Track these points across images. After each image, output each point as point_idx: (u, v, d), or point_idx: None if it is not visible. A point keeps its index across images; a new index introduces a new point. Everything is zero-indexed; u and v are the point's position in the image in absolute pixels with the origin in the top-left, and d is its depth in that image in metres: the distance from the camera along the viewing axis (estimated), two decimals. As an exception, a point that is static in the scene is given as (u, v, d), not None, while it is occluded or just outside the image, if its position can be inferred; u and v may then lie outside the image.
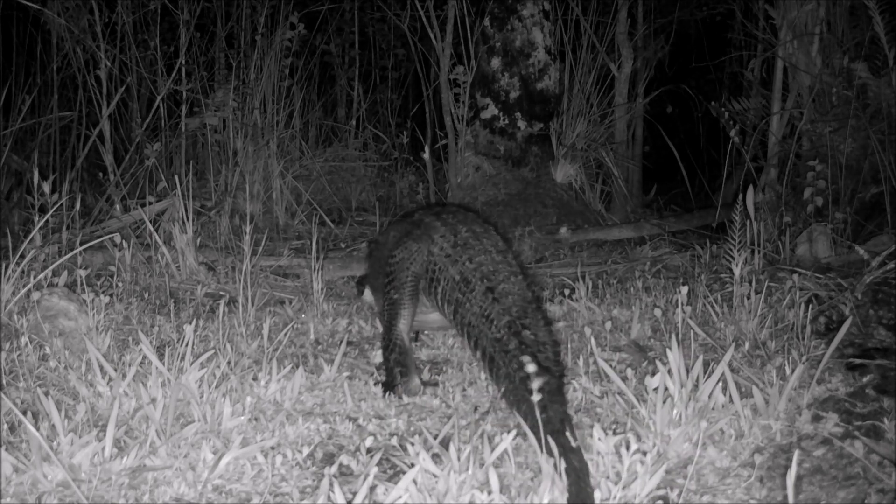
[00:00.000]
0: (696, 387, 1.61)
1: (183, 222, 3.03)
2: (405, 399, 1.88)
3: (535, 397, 1.40)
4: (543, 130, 4.85)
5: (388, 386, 1.96)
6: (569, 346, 2.24)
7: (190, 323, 2.02)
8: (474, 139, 4.88)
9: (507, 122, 4.84)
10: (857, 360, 1.95)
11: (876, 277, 2.48)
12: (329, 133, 5.51)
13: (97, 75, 4.16)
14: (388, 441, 1.61)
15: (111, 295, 2.52)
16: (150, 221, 3.16)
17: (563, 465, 1.29)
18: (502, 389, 1.65)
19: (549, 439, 1.35)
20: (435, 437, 1.55)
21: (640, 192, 5.39)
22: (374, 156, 5.41)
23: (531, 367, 1.46)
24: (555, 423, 1.39)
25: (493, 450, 1.39)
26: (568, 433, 1.37)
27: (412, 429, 1.69)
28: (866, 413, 1.64)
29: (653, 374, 1.60)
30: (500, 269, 1.89)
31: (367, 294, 2.53)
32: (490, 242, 2.00)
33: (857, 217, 3.38)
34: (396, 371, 1.95)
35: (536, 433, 1.41)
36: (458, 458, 1.34)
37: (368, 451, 1.53)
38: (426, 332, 2.41)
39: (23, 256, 2.41)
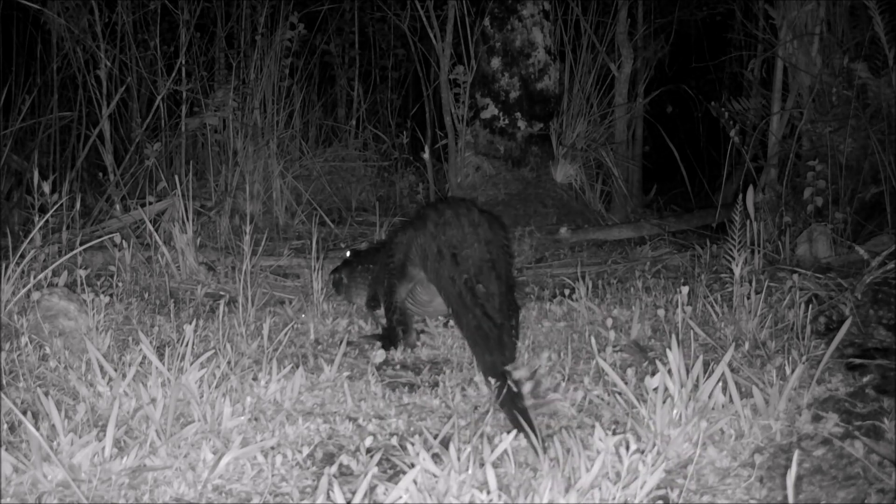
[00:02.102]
0: (696, 387, 1.61)
1: (183, 222, 3.03)
2: (405, 400, 1.88)
3: (529, 402, 1.52)
4: (543, 130, 4.85)
5: (391, 340, 2.30)
6: (569, 346, 2.24)
7: (190, 323, 2.02)
8: (474, 139, 4.88)
9: (507, 122, 4.84)
10: (857, 360, 1.95)
11: (876, 277, 2.48)
12: (329, 133, 5.51)
13: (97, 75, 4.16)
14: (388, 441, 1.61)
15: (111, 295, 2.52)
16: (150, 221, 3.16)
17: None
18: (465, 336, 2.00)
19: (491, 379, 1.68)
20: (435, 437, 1.55)
21: (640, 192, 5.39)
22: (374, 156, 5.41)
23: (520, 373, 1.62)
24: (496, 369, 1.74)
25: (492, 450, 1.39)
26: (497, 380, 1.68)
27: (412, 429, 1.69)
28: (866, 413, 1.64)
29: (653, 374, 1.60)
30: (467, 238, 2.17)
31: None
32: (468, 220, 2.24)
33: (857, 217, 3.38)
34: (399, 329, 2.32)
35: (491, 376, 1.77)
36: (458, 458, 1.34)
37: (368, 451, 1.52)
38: (428, 320, 2.52)
39: (23, 256, 2.41)
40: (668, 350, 1.61)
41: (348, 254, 2.90)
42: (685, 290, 2.11)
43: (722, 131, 4.47)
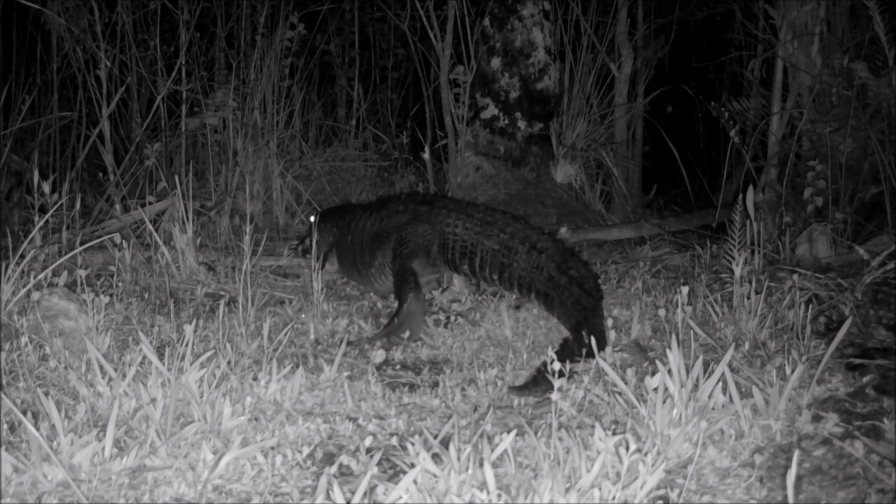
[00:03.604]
0: (696, 387, 1.61)
1: (183, 222, 3.03)
2: (405, 400, 1.88)
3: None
4: (543, 130, 4.85)
5: (407, 318, 2.39)
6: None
7: (190, 323, 2.02)
8: (474, 139, 4.88)
9: (507, 122, 4.84)
10: (857, 360, 1.95)
11: (876, 277, 2.48)
12: (329, 133, 5.50)
13: (97, 75, 4.16)
14: (388, 441, 1.61)
15: (111, 295, 2.52)
16: (150, 221, 3.16)
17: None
18: (556, 314, 2.33)
19: (591, 337, 1.90)
20: (435, 437, 1.55)
21: (640, 192, 5.38)
22: (374, 156, 5.40)
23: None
24: (595, 328, 2.04)
25: (492, 450, 1.39)
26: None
27: (412, 429, 1.69)
28: (866, 413, 1.64)
29: (653, 374, 1.60)
30: (529, 233, 2.45)
31: (330, 265, 3.10)
32: (504, 217, 2.53)
33: (857, 217, 3.38)
34: (411, 296, 2.41)
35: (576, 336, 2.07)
36: (458, 458, 1.35)
37: (368, 451, 1.53)
38: (429, 321, 2.55)
39: (23, 256, 2.41)
40: (668, 350, 1.61)
41: (312, 218, 3.24)
42: (685, 290, 2.10)
43: (722, 131, 4.47)
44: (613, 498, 1.27)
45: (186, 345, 1.78)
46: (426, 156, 4.76)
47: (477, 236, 2.47)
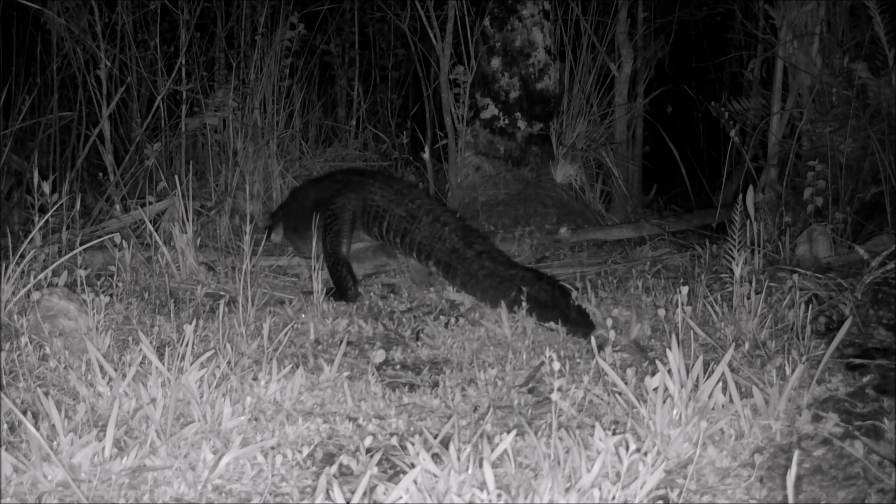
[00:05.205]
0: (696, 387, 1.61)
1: (183, 222, 3.03)
2: (405, 400, 1.88)
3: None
4: (543, 130, 4.85)
5: (342, 293, 2.79)
6: (568, 346, 2.24)
7: (190, 323, 2.02)
8: (474, 139, 4.88)
9: (507, 122, 4.84)
10: (857, 360, 1.95)
11: (876, 277, 2.48)
12: (329, 133, 5.50)
13: (97, 75, 4.16)
14: (388, 441, 1.61)
15: (111, 295, 2.52)
16: (150, 221, 3.16)
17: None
18: (458, 283, 2.62)
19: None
20: (435, 437, 1.55)
21: (640, 192, 5.38)
22: (374, 156, 5.40)
23: None
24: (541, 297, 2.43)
25: (492, 450, 1.39)
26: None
27: (412, 429, 1.69)
28: (866, 413, 1.64)
29: (653, 374, 1.60)
30: (436, 207, 2.77)
31: (276, 236, 3.44)
32: (418, 191, 2.94)
33: (857, 217, 3.38)
34: (349, 279, 2.80)
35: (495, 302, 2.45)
36: (458, 458, 1.34)
37: (368, 451, 1.52)
38: (430, 320, 2.56)
39: (23, 256, 2.41)
40: (668, 350, 1.61)
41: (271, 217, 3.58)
42: (685, 290, 2.10)
43: (722, 131, 4.47)
44: (613, 498, 1.27)
45: (186, 345, 1.78)
46: (426, 156, 4.76)
47: (389, 203, 2.77)
